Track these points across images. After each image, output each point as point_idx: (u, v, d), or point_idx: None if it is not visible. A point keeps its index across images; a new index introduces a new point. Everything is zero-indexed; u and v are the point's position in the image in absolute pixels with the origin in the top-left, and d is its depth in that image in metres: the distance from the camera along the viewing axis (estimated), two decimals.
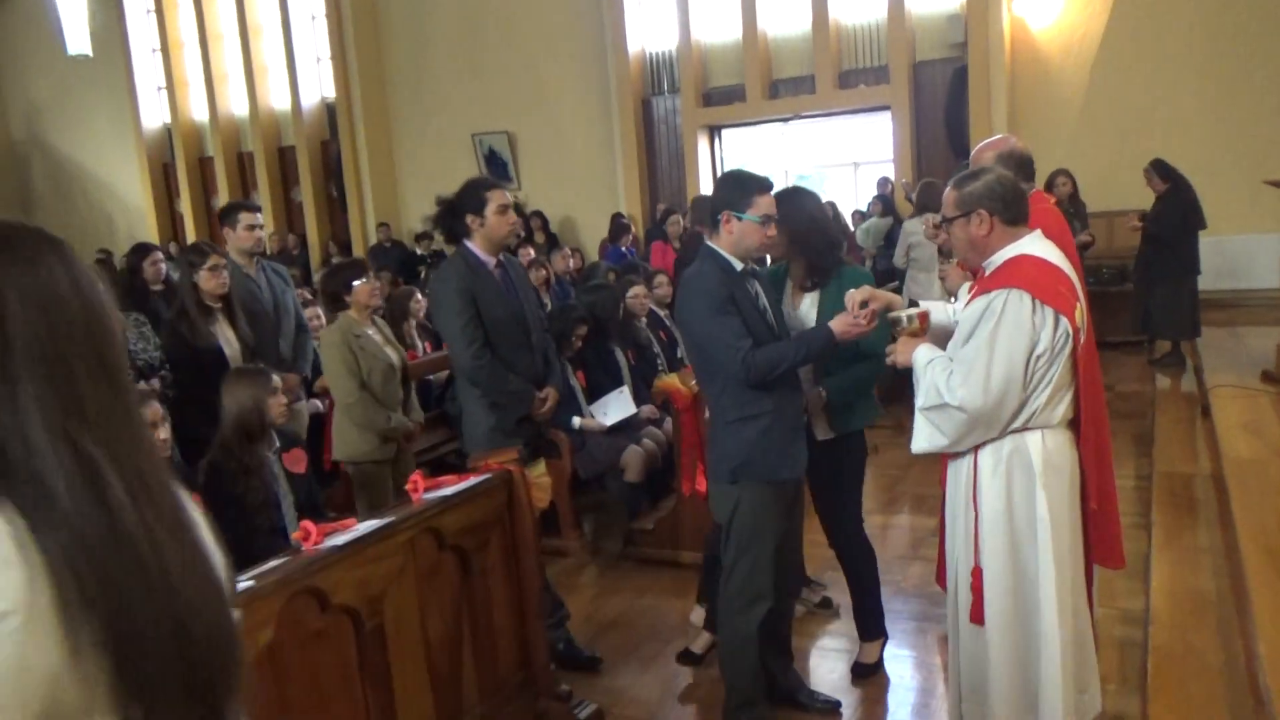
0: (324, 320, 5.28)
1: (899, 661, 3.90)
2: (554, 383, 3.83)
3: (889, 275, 8.13)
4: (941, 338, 2.88)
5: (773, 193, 3.12)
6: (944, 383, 2.61)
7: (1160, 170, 7.81)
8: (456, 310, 3.55)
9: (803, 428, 3.26)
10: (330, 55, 14.64)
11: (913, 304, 3.05)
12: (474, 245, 3.64)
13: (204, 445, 4.01)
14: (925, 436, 2.71)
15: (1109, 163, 9.97)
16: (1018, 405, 2.58)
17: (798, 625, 3.91)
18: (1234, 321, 8.35)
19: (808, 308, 3.45)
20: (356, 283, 4.40)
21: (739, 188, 3.12)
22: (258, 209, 5.13)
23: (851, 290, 3.01)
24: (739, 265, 3.13)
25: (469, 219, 3.62)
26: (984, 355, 2.55)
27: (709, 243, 3.18)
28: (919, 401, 2.72)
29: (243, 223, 4.81)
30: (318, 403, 5.17)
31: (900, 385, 3.94)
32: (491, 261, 3.67)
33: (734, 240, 3.10)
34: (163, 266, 6.38)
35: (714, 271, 3.10)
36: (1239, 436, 4.86)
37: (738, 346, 2.98)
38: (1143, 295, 7.99)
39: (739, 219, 3.07)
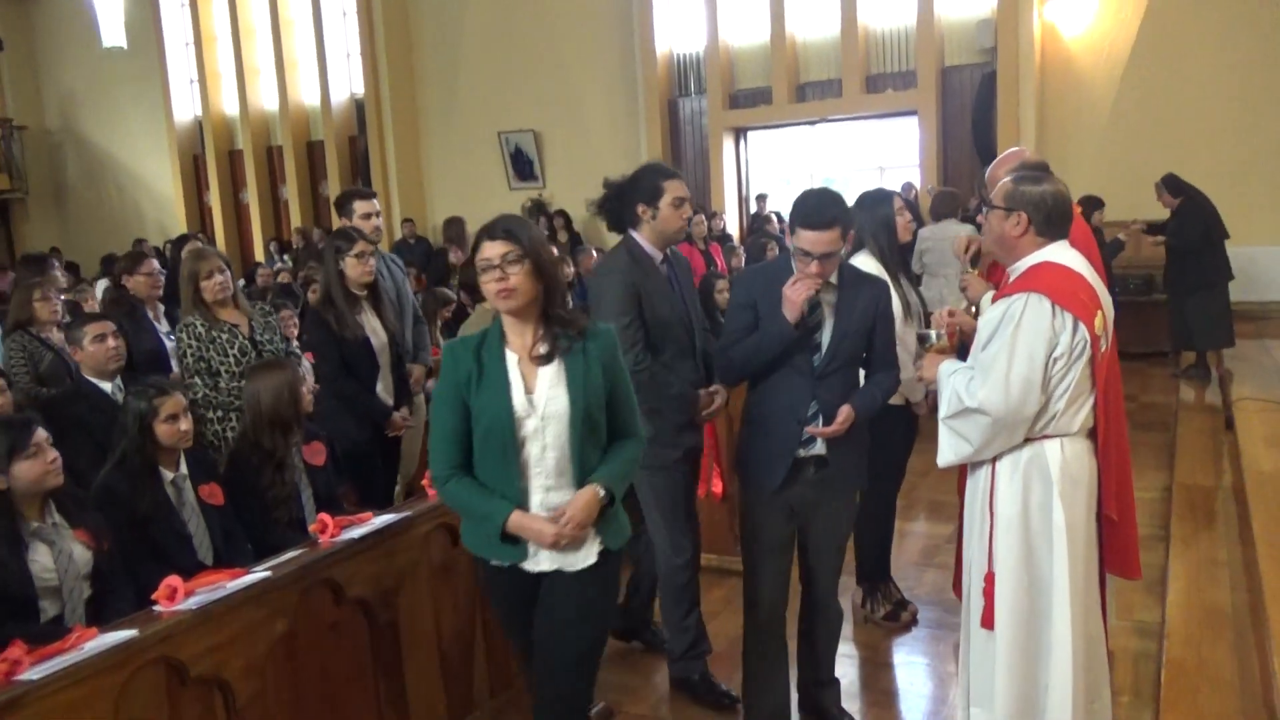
0: None
1: (911, 668, 3.90)
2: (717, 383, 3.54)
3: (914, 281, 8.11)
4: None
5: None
6: (964, 388, 2.61)
7: (1171, 186, 7.78)
8: (620, 308, 3.27)
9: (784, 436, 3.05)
10: (360, 51, 14.74)
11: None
12: (641, 237, 3.38)
13: (348, 440, 4.06)
14: (950, 447, 2.71)
15: (1137, 171, 9.85)
16: (1039, 408, 2.58)
17: None
18: (1262, 334, 8.27)
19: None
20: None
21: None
22: (373, 196, 4.94)
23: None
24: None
25: (640, 208, 3.35)
26: (1004, 357, 2.55)
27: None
28: (941, 412, 2.72)
29: (358, 211, 4.69)
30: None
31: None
32: (659, 256, 3.40)
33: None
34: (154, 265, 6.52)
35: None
36: (1261, 450, 4.81)
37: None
38: (1176, 309, 7.92)
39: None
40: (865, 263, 3.73)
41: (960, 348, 2.96)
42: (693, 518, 3.56)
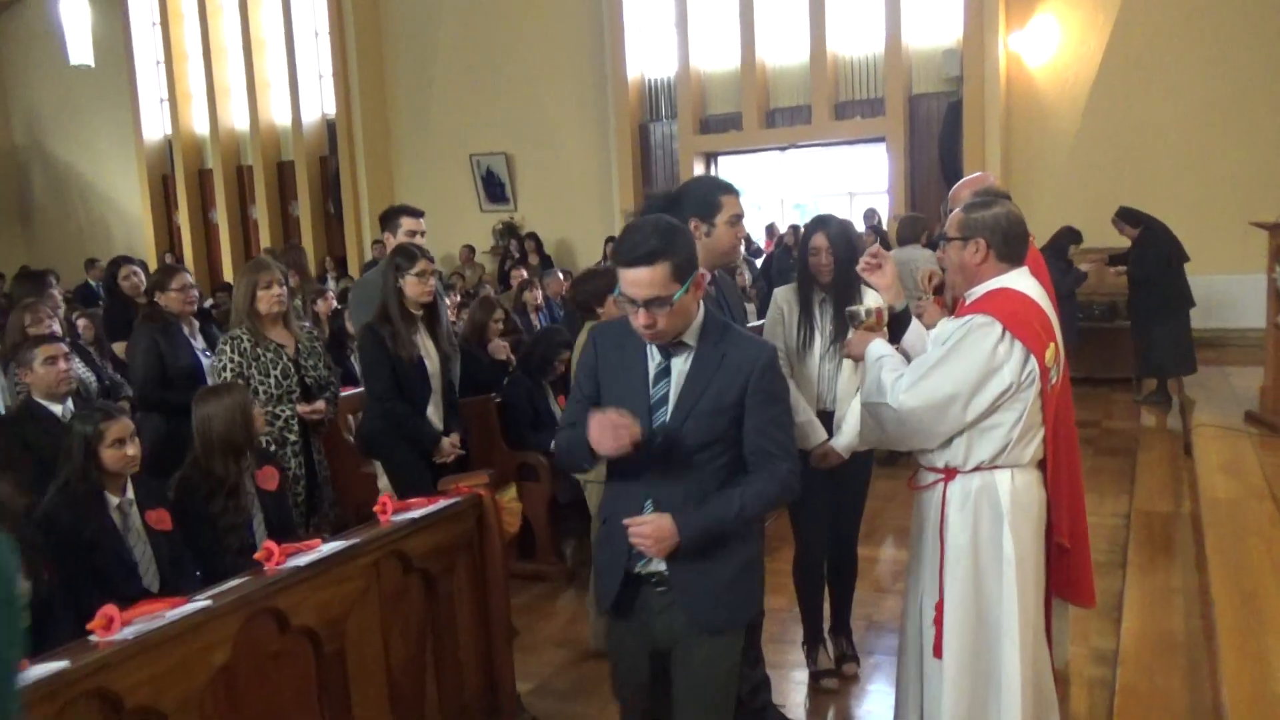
0: None
1: (875, 697, 3.87)
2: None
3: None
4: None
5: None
6: (891, 382, 2.64)
7: (1128, 218, 7.91)
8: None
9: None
10: (333, 72, 14.73)
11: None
12: None
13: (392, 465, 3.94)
14: (867, 429, 2.82)
15: (1100, 200, 9.99)
16: (958, 427, 2.60)
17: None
18: (1222, 360, 8.38)
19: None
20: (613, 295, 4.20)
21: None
22: (421, 214, 4.76)
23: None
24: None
25: (693, 223, 2.97)
26: (937, 369, 2.58)
27: None
28: (862, 394, 2.80)
29: (404, 228, 4.55)
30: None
31: None
32: (706, 277, 2.97)
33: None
34: (139, 280, 6.37)
35: None
36: (1218, 477, 4.86)
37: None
38: (1140, 337, 8.01)
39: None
40: (785, 295, 3.66)
41: (893, 319, 2.91)
42: None
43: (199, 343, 4.70)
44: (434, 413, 4.16)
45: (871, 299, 3.17)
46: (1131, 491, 5.68)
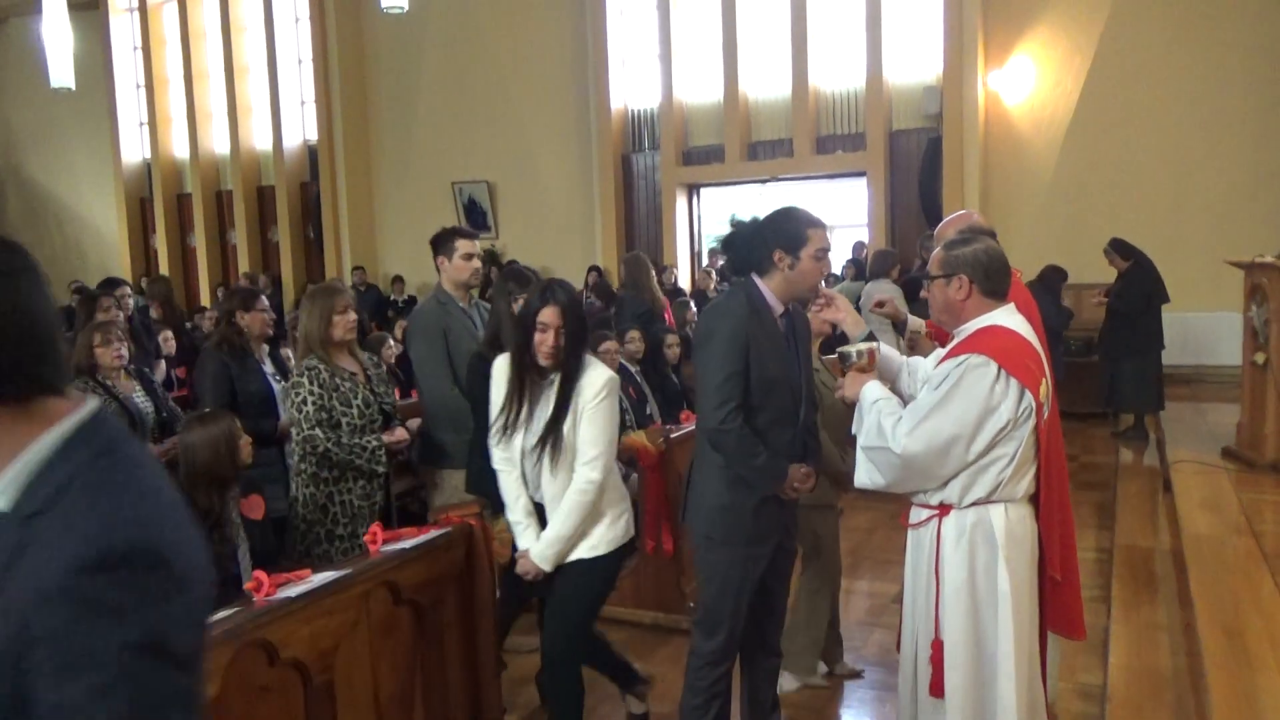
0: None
1: None
2: (814, 463, 3.21)
3: (842, 338, 8.25)
4: (887, 376, 2.96)
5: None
6: (890, 427, 2.64)
7: (1120, 249, 8.00)
8: (724, 356, 2.98)
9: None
10: (315, 98, 14.73)
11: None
12: (766, 285, 3.06)
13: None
14: (865, 472, 2.76)
15: (1076, 237, 10.19)
16: (959, 468, 2.61)
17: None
18: (1197, 397, 8.48)
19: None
20: None
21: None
22: (475, 235, 4.47)
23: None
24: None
25: (777, 254, 3.03)
26: (936, 411, 2.59)
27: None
28: (861, 439, 2.77)
29: (459, 251, 4.28)
30: None
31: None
32: (779, 309, 3.08)
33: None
34: (130, 302, 6.28)
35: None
36: (1199, 513, 4.90)
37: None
38: (1108, 370, 8.11)
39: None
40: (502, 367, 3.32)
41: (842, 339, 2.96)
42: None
43: (268, 367, 4.52)
44: None
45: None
46: (1113, 527, 5.72)
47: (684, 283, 12.27)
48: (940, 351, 2.98)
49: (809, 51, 11.74)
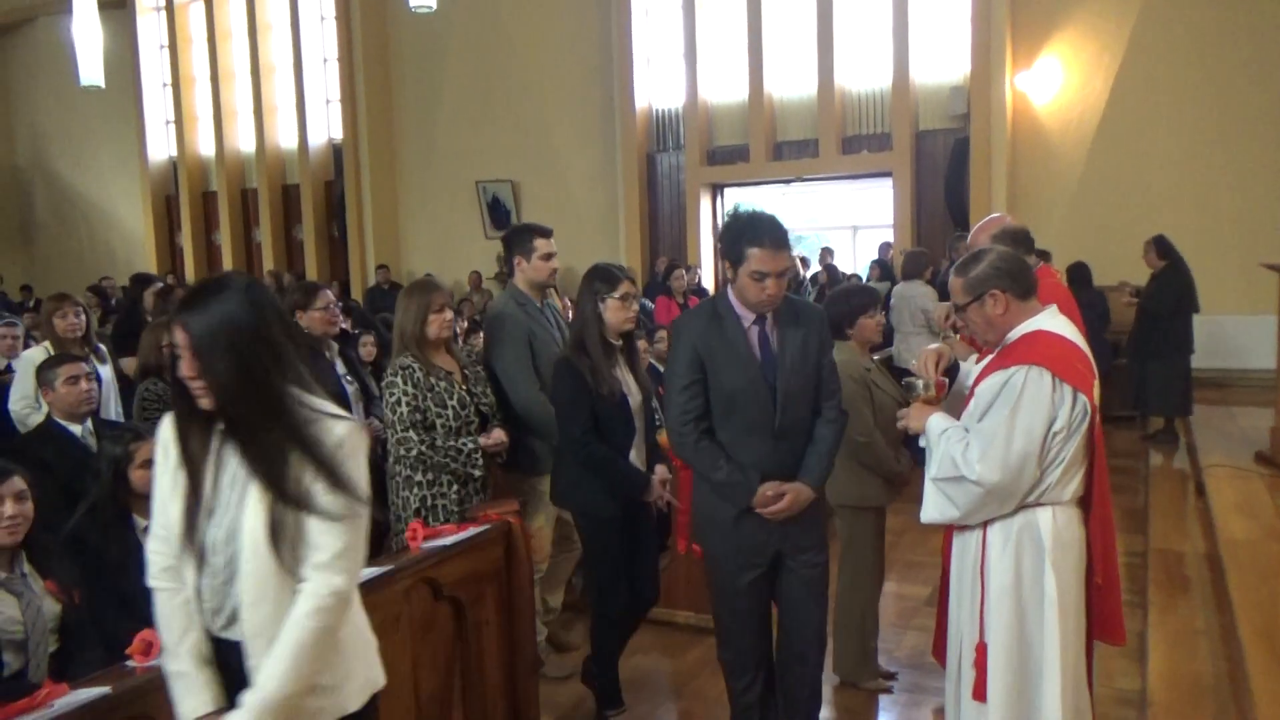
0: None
1: None
2: (808, 479, 3.01)
3: (886, 339, 8.19)
4: (955, 402, 2.88)
5: None
6: (960, 455, 2.60)
7: (1160, 246, 7.88)
8: (681, 365, 2.94)
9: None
10: (340, 98, 14.82)
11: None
12: (733, 293, 2.98)
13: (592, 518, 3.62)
14: (936, 507, 2.68)
15: (1104, 237, 10.11)
16: (1032, 483, 2.58)
17: None
18: (1228, 401, 8.40)
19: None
20: (864, 317, 3.90)
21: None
22: (551, 232, 4.19)
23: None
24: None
25: (726, 264, 2.98)
26: (1003, 431, 2.54)
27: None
28: (931, 471, 2.70)
29: (538, 250, 4.06)
30: None
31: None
32: (749, 318, 2.96)
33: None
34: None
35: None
36: (1234, 518, 4.86)
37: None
38: (1137, 372, 8.04)
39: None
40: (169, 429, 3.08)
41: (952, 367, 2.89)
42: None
43: (340, 367, 4.38)
44: (636, 455, 3.66)
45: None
46: (1143, 530, 5.68)
47: (708, 282, 12.28)
48: (978, 365, 2.91)
49: (835, 51, 11.71)
